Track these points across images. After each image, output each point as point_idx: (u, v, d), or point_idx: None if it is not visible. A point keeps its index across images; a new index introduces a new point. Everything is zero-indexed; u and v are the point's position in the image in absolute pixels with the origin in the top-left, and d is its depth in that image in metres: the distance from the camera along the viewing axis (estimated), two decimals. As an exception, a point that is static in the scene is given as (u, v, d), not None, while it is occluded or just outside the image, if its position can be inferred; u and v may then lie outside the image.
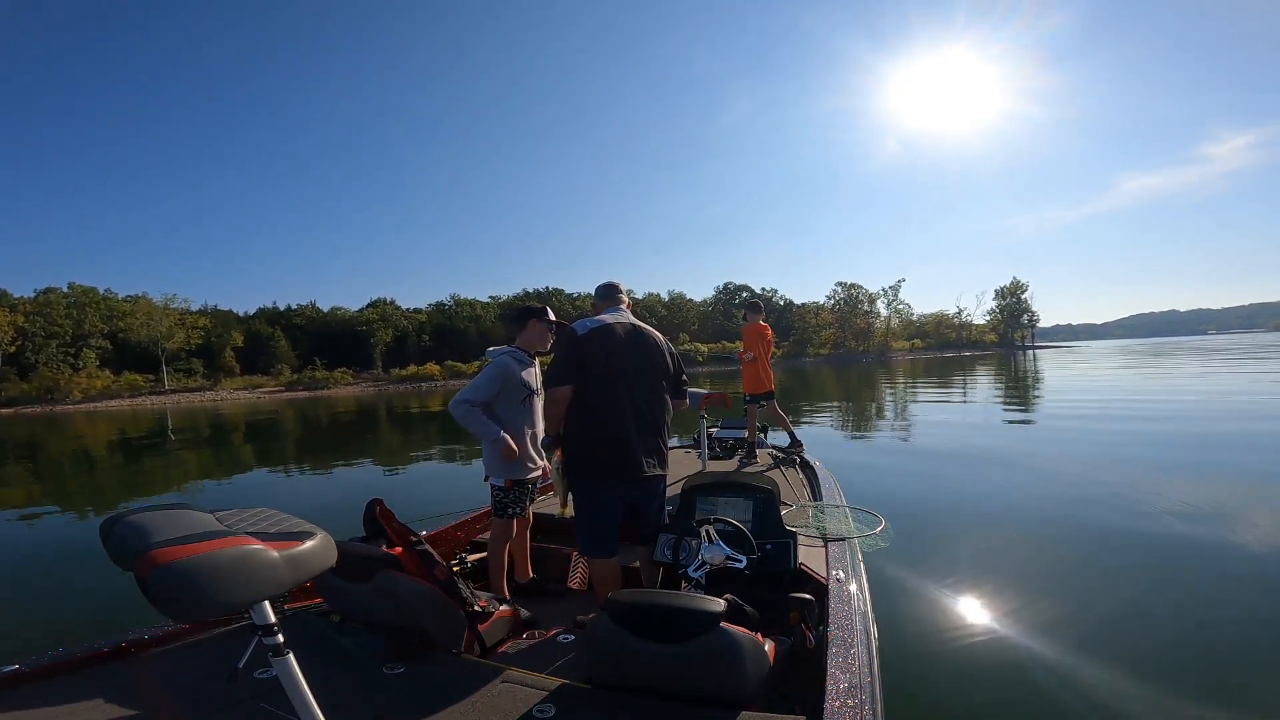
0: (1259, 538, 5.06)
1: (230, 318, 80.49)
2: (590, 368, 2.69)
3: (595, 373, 2.70)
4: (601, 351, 2.70)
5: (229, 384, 67.84)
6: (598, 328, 2.75)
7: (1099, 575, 4.44)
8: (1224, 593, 4.07)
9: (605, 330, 2.74)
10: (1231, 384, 19.62)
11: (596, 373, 2.70)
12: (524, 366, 3.28)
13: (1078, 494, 6.76)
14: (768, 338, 6.66)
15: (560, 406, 2.74)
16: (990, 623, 3.76)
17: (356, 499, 3.05)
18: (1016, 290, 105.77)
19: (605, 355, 2.70)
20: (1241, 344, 69.74)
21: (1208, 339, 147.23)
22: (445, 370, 72.08)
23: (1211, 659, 3.27)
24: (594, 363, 2.69)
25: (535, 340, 3.36)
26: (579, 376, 2.70)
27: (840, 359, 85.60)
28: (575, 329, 2.77)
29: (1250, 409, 13.20)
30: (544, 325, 3.36)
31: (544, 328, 3.36)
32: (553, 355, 2.82)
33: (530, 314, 3.38)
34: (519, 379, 3.23)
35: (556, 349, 2.83)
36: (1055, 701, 2.96)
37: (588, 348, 2.70)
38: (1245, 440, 9.37)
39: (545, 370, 2.85)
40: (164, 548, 1.00)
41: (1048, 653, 3.36)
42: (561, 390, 2.71)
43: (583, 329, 2.75)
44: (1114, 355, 53.16)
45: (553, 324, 3.38)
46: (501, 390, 3.19)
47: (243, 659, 1.14)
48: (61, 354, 63.64)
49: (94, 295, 70.71)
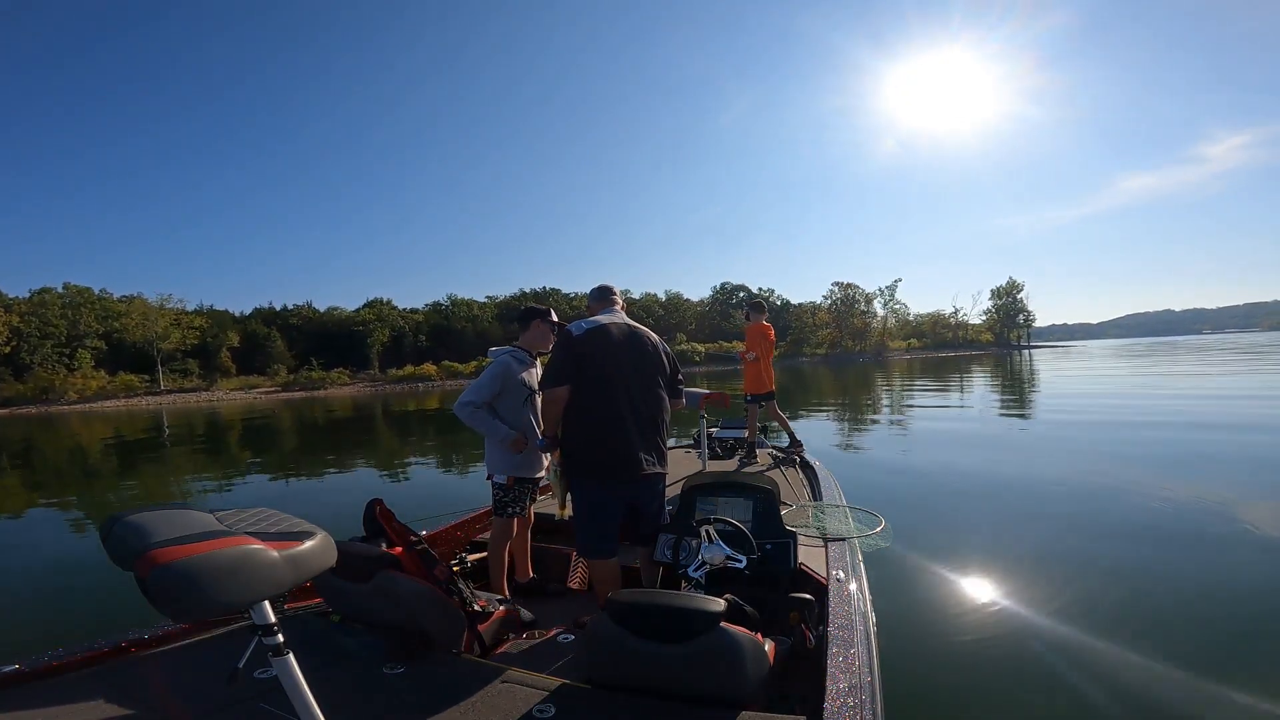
0: (1260, 535, 5.08)
1: (226, 318, 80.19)
2: (587, 368, 2.69)
3: (592, 373, 2.70)
4: (598, 352, 2.71)
5: (225, 384, 67.57)
6: (593, 328, 2.75)
7: (1100, 575, 4.44)
8: (1227, 596, 4.06)
9: (601, 331, 2.75)
10: (1229, 383, 19.68)
11: (593, 373, 2.70)
12: (525, 366, 3.32)
13: (1078, 494, 6.78)
14: (770, 338, 6.62)
15: (558, 407, 2.74)
16: (990, 622, 3.77)
17: (356, 499, 3.05)
18: (1012, 290, 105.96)
19: (602, 356, 2.71)
20: (1237, 343, 70.02)
21: (1203, 338, 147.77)
22: (442, 370, 71.97)
23: (1211, 670, 3.24)
24: (590, 363, 2.70)
25: (537, 340, 3.40)
26: (576, 377, 2.70)
27: (837, 359, 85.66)
28: (571, 330, 2.78)
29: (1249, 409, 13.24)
30: (546, 326, 3.41)
31: (546, 328, 3.41)
32: (550, 358, 2.82)
33: (534, 314, 3.43)
34: (519, 378, 3.26)
35: (553, 350, 2.85)
36: (1055, 701, 2.96)
37: (583, 348, 2.71)
38: (1241, 439, 9.41)
39: (543, 371, 2.86)
40: (164, 547, 0.99)
41: (1048, 652, 3.37)
42: (558, 391, 2.71)
43: (578, 330, 2.76)
44: (1111, 355, 53.28)
45: (555, 325, 3.41)
46: (503, 390, 3.22)
47: (243, 659, 1.14)
48: (57, 354, 63.30)
49: (89, 295, 70.28)
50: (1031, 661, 3.30)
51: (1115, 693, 2.99)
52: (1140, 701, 2.93)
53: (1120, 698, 2.96)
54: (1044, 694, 3.02)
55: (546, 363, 2.79)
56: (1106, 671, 3.17)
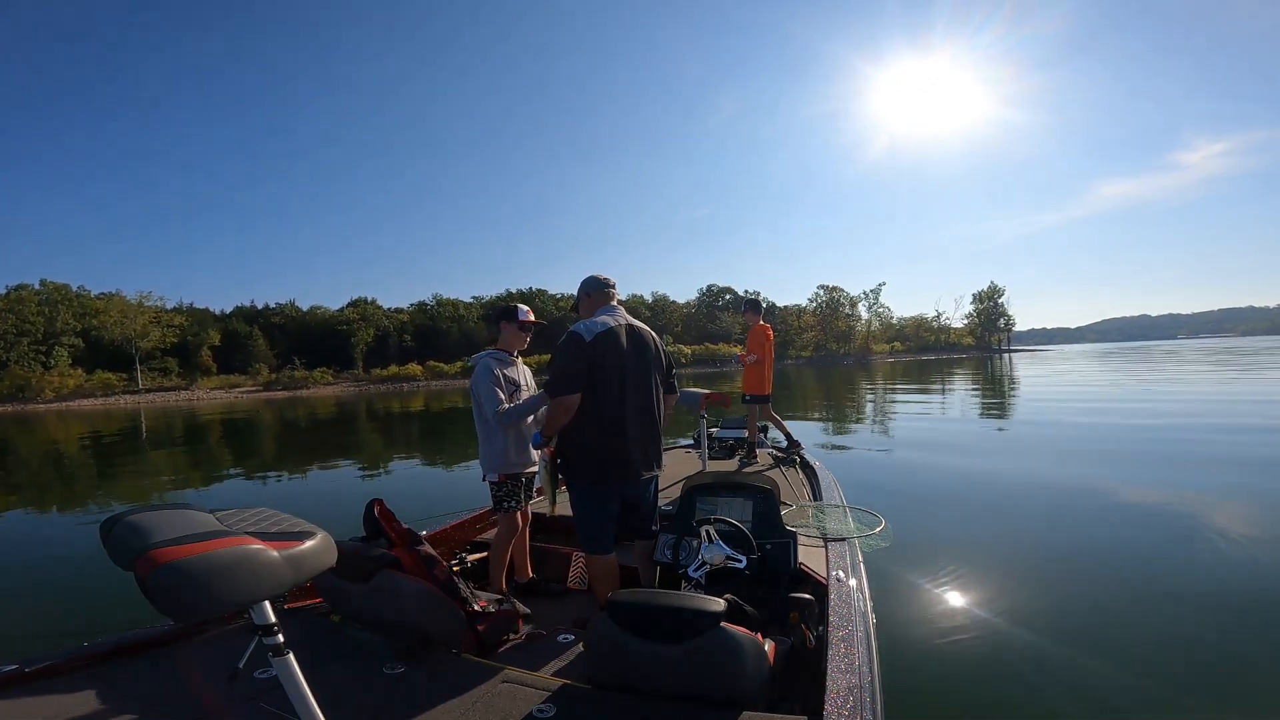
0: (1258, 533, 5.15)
1: (207, 316, 79.36)
2: (596, 371, 2.63)
3: (600, 377, 2.64)
4: (610, 356, 2.65)
5: (205, 383, 66.80)
6: (604, 331, 2.68)
7: (1100, 574, 4.47)
8: (1225, 586, 4.12)
9: (610, 334, 2.69)
10: (1205, 387, 20.03)
11: (601, 377, 2.64)
12: (505, 365, 3.30)
13: (1077, 493, 6.84)
14: (770, 339, 6.54)
15: (569, 415, 2.64)
16: (990, 622, 3.77)
17: (356, 499, 3.00)
18: (993, 294, 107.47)
19: (611, 360, 2.65)
20: (1210, 348, 71.32)
21: (1178, 343, 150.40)
22: (427, 371, 71.55)
23: (1214, 654, 3.30)
24: (600, 366, 2.63)
25: (511, 341, 3.37)
26: (586, 382, 2.63)
27: (821, 361, 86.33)
28: (582, 334, 2.66)
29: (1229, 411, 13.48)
30: (514, 326, 3.36)
31: (514, 328, 3.36)
32: (556, 360, 2.69)
33: (500, 316, 3.40)
34: (504, 375, 3.24)
35: (561, 354, 2.67)
36: (1055, 700, 2.97)
37: (596, 353, 2.63)
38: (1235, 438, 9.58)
39: (548, 374, 2.73)
40: (164, 547, 0.99)
41: (1048, 652, 3.38)
42: (571, 399, 2.61)
43: (589, 334, 2.65)
44: (1092, 359, 54.02)
45: (523, 324, 3.36)
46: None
47: (243, 659, 1.16)
48: (33, 352, 62.24)
49: (66, 292, 69.20)
50: (1032, 661, 3.31)
51: (1115, 689, 3.01)
52: (1139, 697, 2.95)
53: (1120, 694, 2.98)
54: (1044, 692, 3.03)
55: (552, 365, 2.68)
56: (1106, 669, 3.19)
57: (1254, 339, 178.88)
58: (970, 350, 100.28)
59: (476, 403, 3.21)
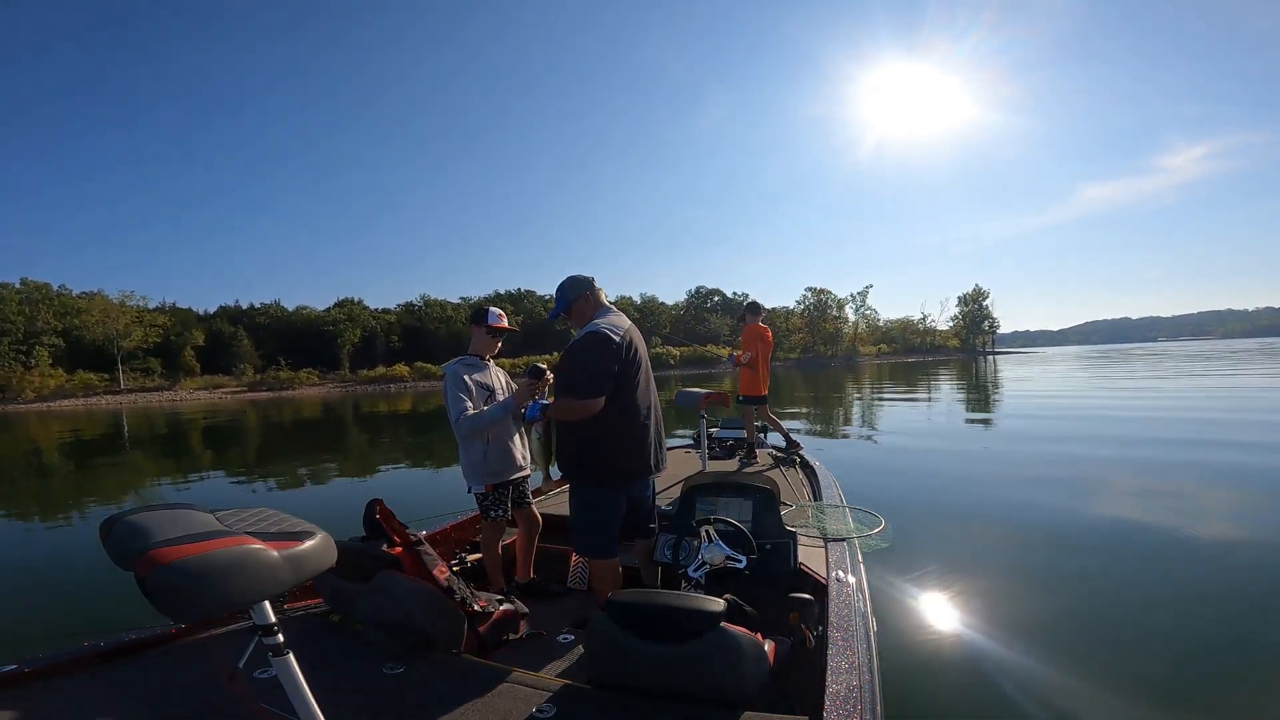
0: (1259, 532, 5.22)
1: (190, 316, 78.50)
2: (619, 374, 2.57)
3: (625, 377, 2.59)
4: (633, 358, 2.63)
5: (189, 384, 65.96)
6: (626, 331, 2.65)
7: (1100, 574, 4.50)
8: (1223, 587, 4.15)
9: (631, 334, 2.67)
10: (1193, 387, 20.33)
11: (626, 377, 2.60)
12: (475, 370, 3.23)
13: (1076, 493, 6.88)
14: (767, 339, 6.50)
15: (587, 415, 2.53)
16: (990, 622, 3.77)
17: (356, 499, 2.97)
18: (978, 297, 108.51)
19: (633, 361, 2.63)
20: (1190, 350, 72.42)
21: (1159, 345, 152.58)
22: (414, 371, 71.09)
23: (1214, 657, 3.32)
24: (623, 368, 2.58)
25: (481, 346, 3.29)
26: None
27: (809, 363, 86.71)
28: (610, 336, 2.56)
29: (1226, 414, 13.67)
30: (481, 330, 3.29)
31: (481, 332, 3.29)
32: (579, 361, 2.57)
33: (471, 319, 3.36)
34: (474, 382, 3.17)
35: (586, 354, 2.55)
36: (1056, 700, 2.98)
37: (624, 356, 2.57)
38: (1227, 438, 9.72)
39: (566, 375, 2.61)
40: (164, 547, 0.98)
41: (1048, 652, 3.39)
42: (596, 402, 2.51)
43: (617, 335, 2.57)
44: (1076, 361, 54.60)
45: (491, 329, 3.28)
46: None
47: (243, 659, 1.16)
48: (13, 352, 61.13)
49: (47, 291, 68.24)
50: (1032, 661, 3.32)
51: (1114, 689, 3.02)
52: (1139, 697, 2.96)
53: (1119, 694, 2.99)
54: (1044, 692, 3.04)
55: (573, 367, 2.56)
56: (1106, 669, 3.20)
57: (1232, 341, 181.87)
58: (955, 353, 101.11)
59: (449, 412, 3.13)
